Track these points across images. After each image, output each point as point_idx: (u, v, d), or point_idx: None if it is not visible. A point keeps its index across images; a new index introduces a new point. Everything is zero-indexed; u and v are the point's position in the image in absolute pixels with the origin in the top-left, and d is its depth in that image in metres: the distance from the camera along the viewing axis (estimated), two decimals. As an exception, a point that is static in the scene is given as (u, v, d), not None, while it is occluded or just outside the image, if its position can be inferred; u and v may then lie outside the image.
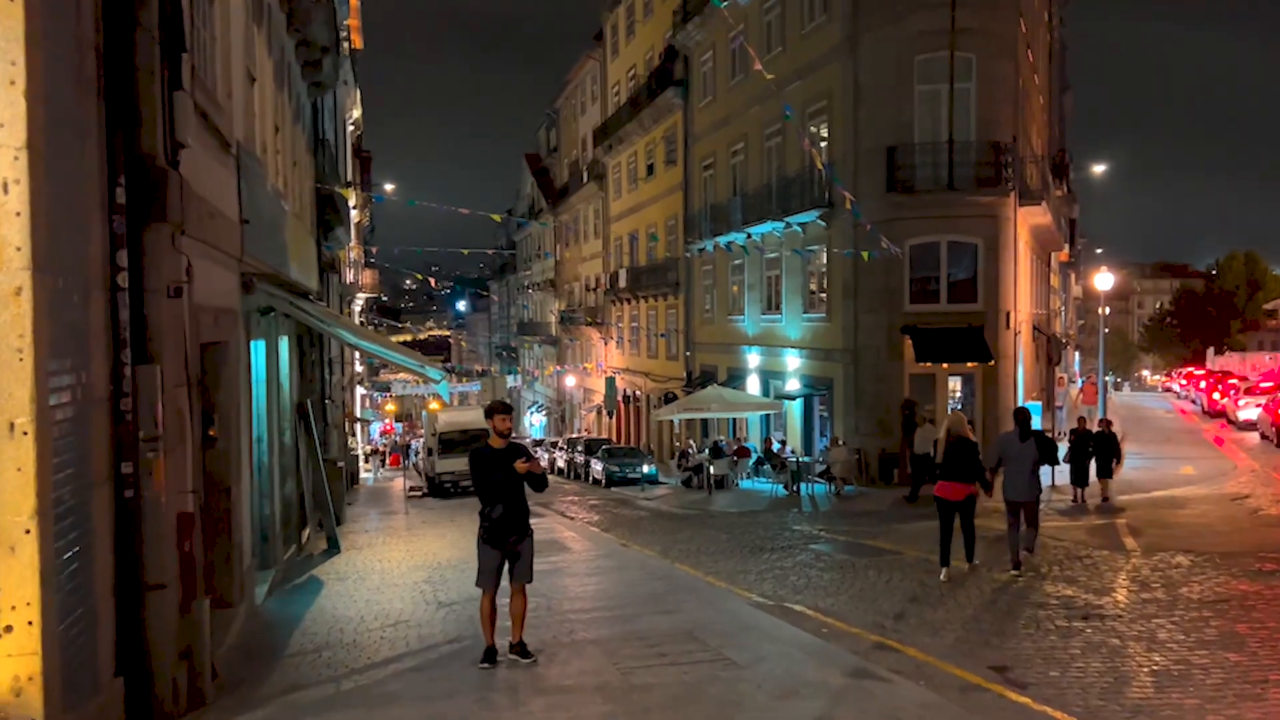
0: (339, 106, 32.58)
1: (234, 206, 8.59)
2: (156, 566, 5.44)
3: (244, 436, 8.95)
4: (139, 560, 5.36)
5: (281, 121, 13.50)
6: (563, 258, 55.18)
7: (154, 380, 5.37)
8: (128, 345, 5.22)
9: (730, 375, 29.34)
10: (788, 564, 11.79)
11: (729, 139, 30.04)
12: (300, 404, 14.49)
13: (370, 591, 10.41)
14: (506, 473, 6.72)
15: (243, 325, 9.06)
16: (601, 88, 46.52)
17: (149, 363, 5.38)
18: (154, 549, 5.42)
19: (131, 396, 5.26)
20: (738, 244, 28.71)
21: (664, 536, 15.45)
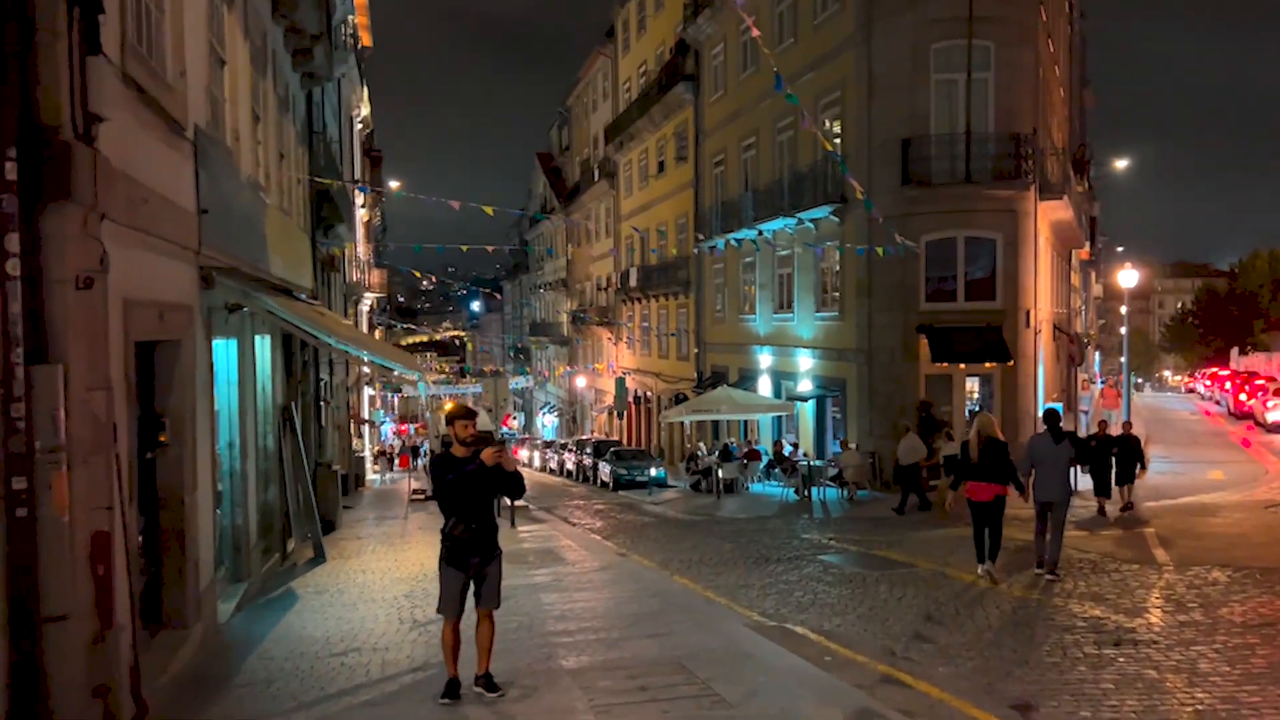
0: (343, 103, 32.08)
1: (189, 194, 7.95)
2: (57, 594, 4.80)
3: (202, 442, 8.31)
4: (34, 588, 4.71)
5: (263, 111, 12.89)
6: (574, 257, 54.57)
7: (54, 383, 4.72)
8: (19, 343, 4.58)
9: (741, 376, 28.59)
10: (793, 577, 11.06)
11: (740, 134, 29.30)
12: (285, 406, 13.87)
13: (344, 608, 9.76)
14: (470, 483, 6.04)
15: (202, 323, 8.42)
16: (613, 84, 45.88)
17: (48, 363, 4.73)
18: (54, 575, 4.78)
19: (25, 401, 4.61)
20: (749, 241, 28.00)
21: (666, 545, 14.74)
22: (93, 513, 5.08)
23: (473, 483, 6.03)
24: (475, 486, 6.05)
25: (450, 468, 6.02)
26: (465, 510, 6.06)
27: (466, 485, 6.00)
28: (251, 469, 11.06)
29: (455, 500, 6.07)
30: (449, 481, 6.01)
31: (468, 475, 5.96)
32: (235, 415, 10.46)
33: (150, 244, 6.54)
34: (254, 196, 11.40)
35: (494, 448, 6.03)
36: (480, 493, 6.12)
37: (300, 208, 17.95)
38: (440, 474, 6.07)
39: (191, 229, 7.94)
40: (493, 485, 6.17)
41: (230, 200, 9.55)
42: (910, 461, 18.07)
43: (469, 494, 6.05)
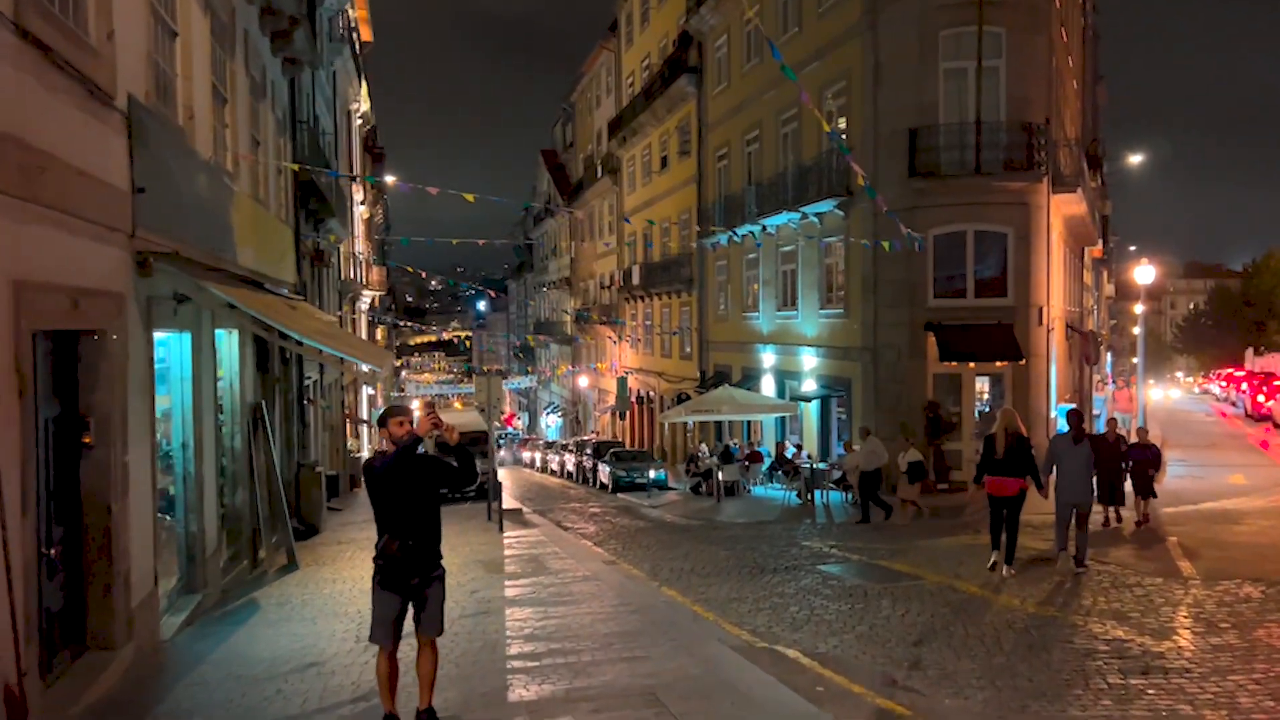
0: (339, 95, 31.41)
1: (120, 170, 7.23)
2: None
3: (137, 444, 7.59)
4: None
5: (230, 92, 12.18)
6: (578, 255, 53.86)
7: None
8: None
9: (745, 375, 27.82)
10: (790, 590, 10.28)
11: (743, 126, 28.53)
12: (255, 405, 13.16)
13: (303, 622, 9.02)
14: (395, 483, 5.26)
15: (139, 313, 7.69)
16: (616, 79, 45.15)
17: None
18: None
19: None
20: (752, 237, 27.24)
21: (659, 551, 13.99)
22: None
23: (398, 482, 5.24)
24: (404, 487, 5.27)
25: (384, 477, 5.28)
26: (398, 521, 5.30)
27: (391, 486, 5.23)
28: (209, 472, 10.34)
29: (385, 509, 5.33)
30: (368, 484, 5.27)
31: (388, 472, 5.17)
32: (189, 414, 9.74)
33: (58, 220, 5.82)
34: (215, 181, 10.68)
35: (426, 415, 5.24)
36: (413, 495, 5.33)
37: (282, 199, 17.25)
38: (375, 486, 5.33)
39: (122, 209, 7.22)
40: (428, 480, 5.38)
41: (179, 182, 8.84)
42: (872, 467, 17.11)
43: (399, 499, 5.28)
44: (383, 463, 5.22)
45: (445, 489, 5.54)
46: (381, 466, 5.21)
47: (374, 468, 5.29)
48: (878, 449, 17.37)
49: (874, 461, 17.05)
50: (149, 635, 7.77)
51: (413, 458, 5.34)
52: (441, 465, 5.50)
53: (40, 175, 5.34)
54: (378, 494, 5.34)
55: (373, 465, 5.32)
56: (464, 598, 9.89)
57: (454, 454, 5.47)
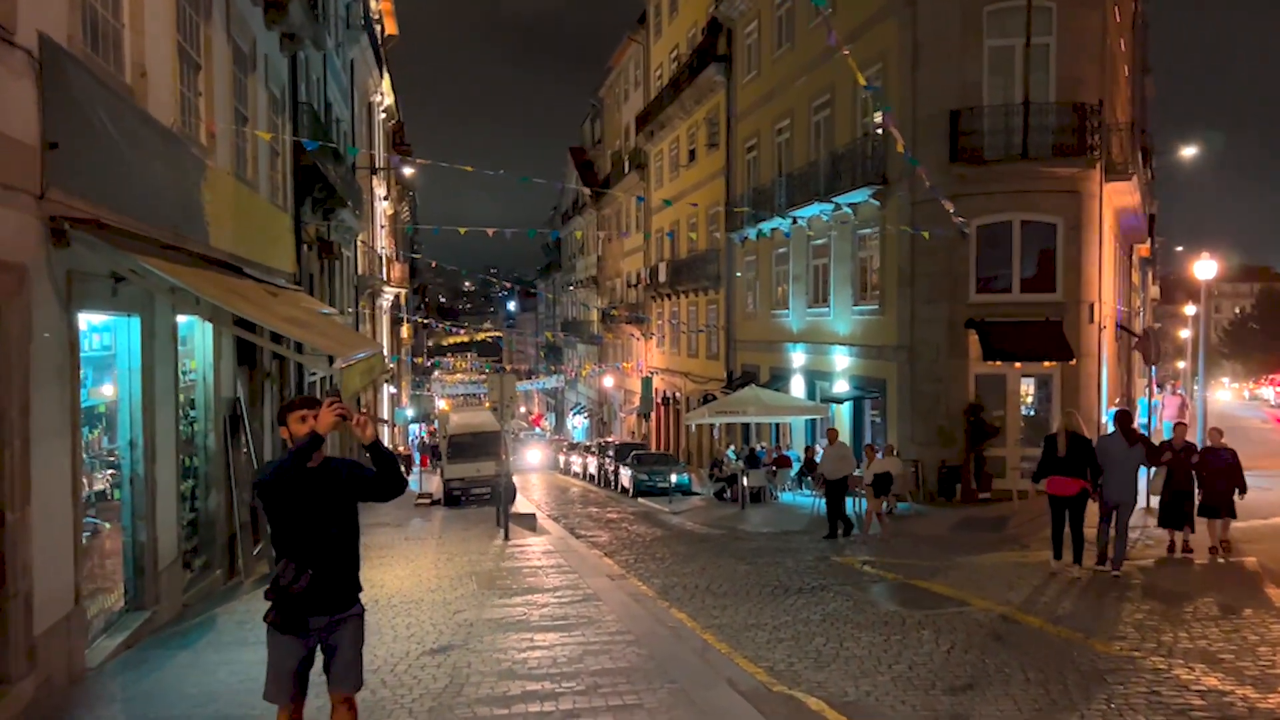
0: (357, 86, 30.50)
1: (22, 120, 6.14)
2: None
3: (50, 443, 6.50)
4: None
5: (205, 58, 11.14)
6: (605, 253, 52.78)
7: None
8: None
9: (773, 375, 26.50)
10: (815, 615, 9.01)
11: (774, 116, 27.23)
12: (232, 401, 12.11)
13: (251, 646, 7.89)
14: (290, 494, 4.13)
15: (51, 289, 6.60)
16: (644, 72, 44.01)
17: None
18: None
19: None
20: (782, 231, 25.94)
21: (673, 564, 12.76)
22: None
23: (296, 494, 4.08)
24: (304, 500, 4.12)
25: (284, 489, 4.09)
26: (298, 544, 4.13)
27: (287, 499, 4.06)
28: (165, 473, 9.27)
29: (281, 528, 4.16)
30: (260, 498, 4.13)
31: (280, 481, 4.01)
32: (138, 408, 8.67)
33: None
34: (177, 151, 9.62)
35: (328, 405, 4.09)
36: (317, 511, 4.17)
37: (278, 182, 16.24)
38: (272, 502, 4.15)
39: (23, 164, 6.13)
40: (337, 490, 4.24)
41: (119, 145, 7.75)
42: (838, 475, 15.65)
43: (298, 515, 4.12)
44: (274, 470, 4.05)
45: (364, 500, 4.36)
46: (273, 474, 4.04)
47: (264, 476, 4.12)
48: (844, 454, 16.00)
49: (840, 469, 15.65)
50: (64, 665, 6.68)
51: (315, 463, 4.17)
52: (356, 472, 4.33)
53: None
54: (272, 510, 4.18)
55: (262, 473, 4.15)
56: (443, 620, 8.74)
57: (372, 457, 4.30)
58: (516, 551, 13.85)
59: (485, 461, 24.55)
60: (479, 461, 24.54)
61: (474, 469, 24.43)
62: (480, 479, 24.39)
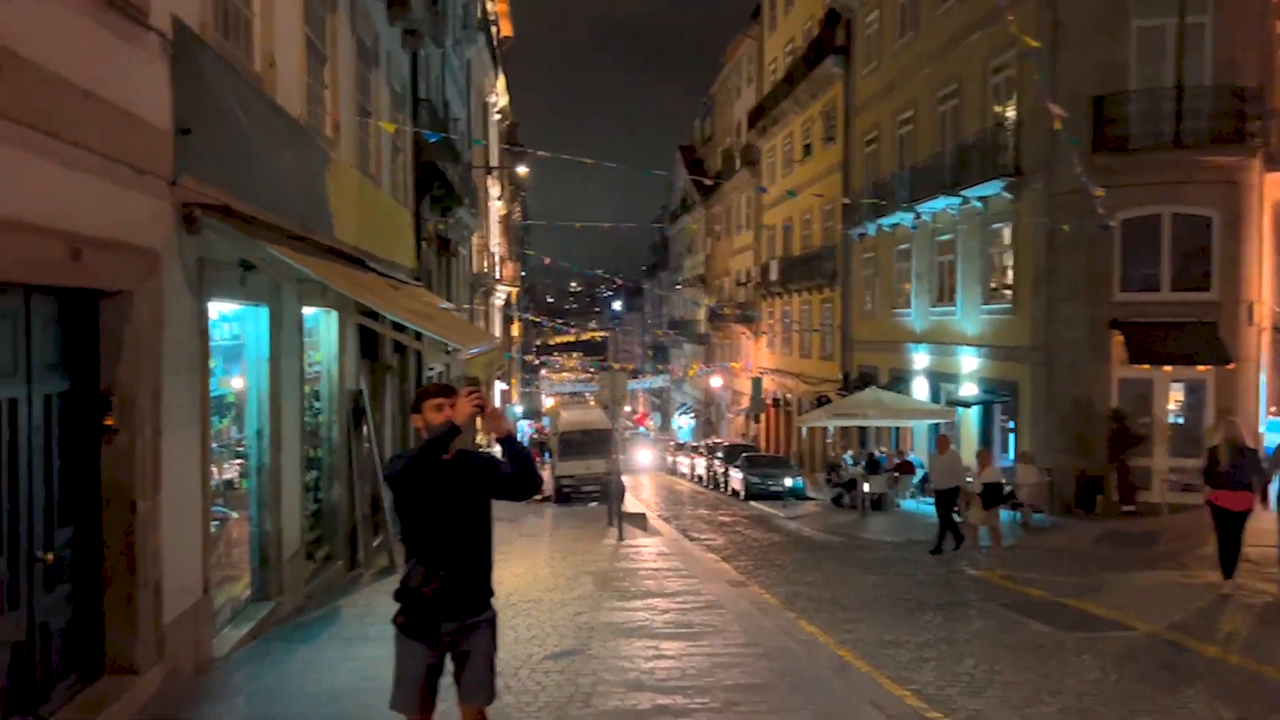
0: (473, 85, 30.83)
1: (156, 104, 6.08)
2: None
3: (180, 430, 6.44)
4: None
5: (331, 50, 11.17)
6: (713, 252, 52.26)
7: None
8: None
9: (893, 377, 25.51)
10: (960, 634, 8.35)
11: (895, 107, 26.24)
12: (355, 393, 12.14)
13: (373, 642, 7.73)
14: (425, 487, 3.81)
15: (183, 275, 6.55)
16: (758, 67, 43.32)
17: None
18: None
19: None
20: (904, 226, 24.96)
21: (795, 573, 12.21)
22: None
23: (428, 489, 3.79)
24: (436, 496, 3.82)
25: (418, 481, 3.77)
26: (429, 543, 3.83)
27: (418, 495, 3.76)
28: (290, 463, 9.25)
29: (412, 526, 3.86)
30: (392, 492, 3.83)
31: (412, 474, 3.71)
32: (266, 399, 8.65)
33: (39, 145, 4.62)
34: (305, 143, 9.61)
35: (466, 395, 3.76)
36: (450, 508, 3.86)
37: (400, 178, 16.36)
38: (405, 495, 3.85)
39: (157, 149, 6.06)
40: (471, 486, 3.93)
41: (249, 133, 7.71)
42: (946, 485, 14.66)
43: (430, 512, 3.82)
44: (405, 464, 3.74)
45: (498, 497, 4.03)
46: (406, 466, 3.73)
47: (394, 470, 3.82)
48: (954, 465, 15.00)
49: (948, 479, 14.67)
50: (190, 655, 6.62)
51: (452, 455, 3.85)
52: (491, 467, 4.00)
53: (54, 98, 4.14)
54: (403, 505, 3.88)
55: (393, 467, 3.85)
56: (563, 622, 8.43)
57: (506, 452, 3.96)
58: (630, 552, 13.52)
59: (595, 459, 24.40)
60: (589, 459, 24.42)
61: (584, 466, 24.32)
62: (590, 476, 24.26)
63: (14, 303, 4.87)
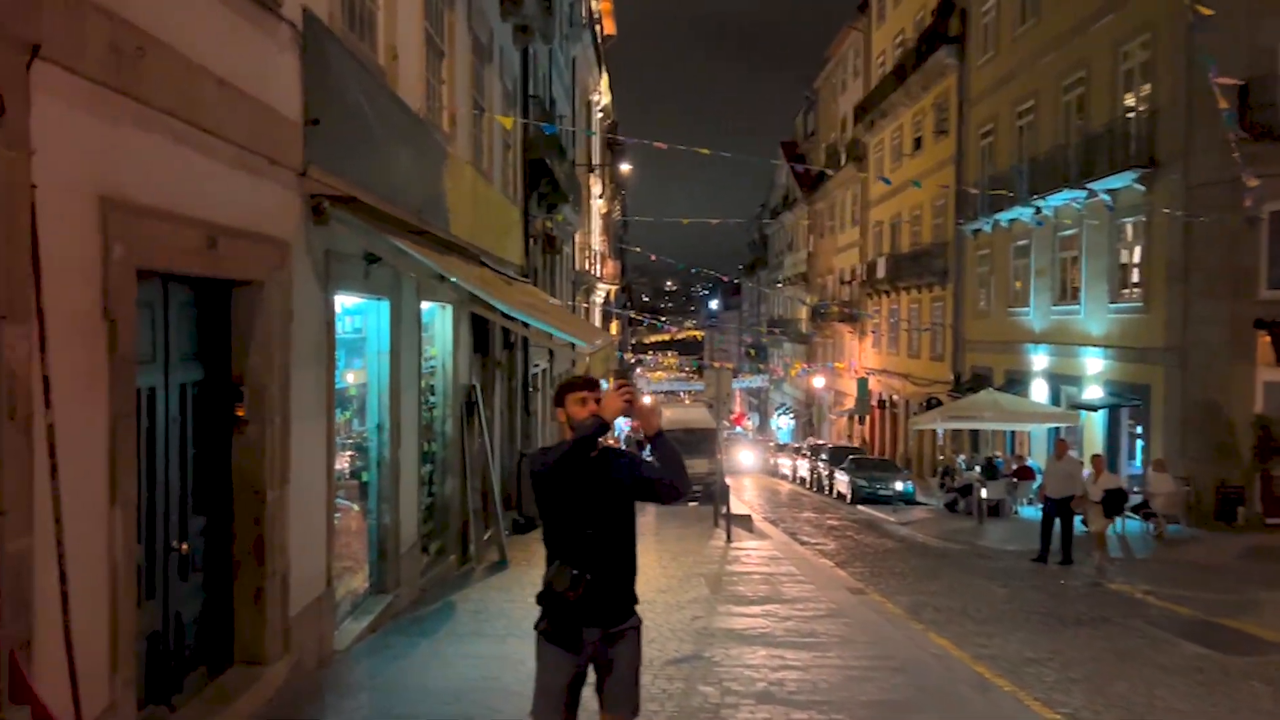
0: (577, 83, 30.91)
1: (286, 94, 6.06)
2: None
3: (308, 420, 6.42)
4: None
5: (449, 46, 11.18)
6: (816, 249, 51.35)
7: None
8: None
9: (1008, 379, 24.48)
10: (1107, 653, 7.78)
11: (1014, 98, 25.18)
12: (469, 388, 12.15)
13: (491, 639, 7.64)
14: (586, 499, 3.61)
15: (311, 267, 6.54)
16: (864, 60, 42.32)
17: None
18: None
19: None
20: (1023, 221, 23.90)
21: (915, 582, 11.70)
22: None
23: (574, 487, 3.58)
24: (583, 495, 3.60)
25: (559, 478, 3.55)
26: (574, 545, 3.63)
27: (563, 493, 3.57)
28: (409, 457, 9.25)
29: (555, 526, 3.66)
30: (534, 489, 3.62)
31: (559, 472, 3.51)
32: (386, 392, 8.65)
33: (181, 132, 4.60)
34: (424, 137, 9.61)
35: (615, 389, 3.54)
36: (597, 508, 3.64)
37: (509, 175, 16.39)
38: (546, 492, 3.65)
39: (287, 140, 6.04)
40: (618, 486, 3.71)
41: (372, 126, 7.69)
42: (1062, 494, 13.69)
43: (575, 512, 3.61)
44: (552, 458, 3.53)
45: (643, 499, 3.80)
46: (551, 464, 3.52)
47: (538, 466, 3.62)
48: (1072, 472, 14.05)
49: (1065, 487, 13.73)
50: (314, 647, 6.61)
51: (597, 453, 3.63)
52: (636, 466, 3.77)
53: (138, 60, 4.10)
54: (545, 504, 3.67)
55: (536, 462, 3.65)
56: (681, 626, 8.18)
57: (656, 451, 3.72)
58: (741, 555, 13.20)
59: (698, 459, 24.06)
60: (691, 459, 23.93)
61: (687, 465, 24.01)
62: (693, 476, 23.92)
63: (153, 292, 4.86)
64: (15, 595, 3.35)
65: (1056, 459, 14.50)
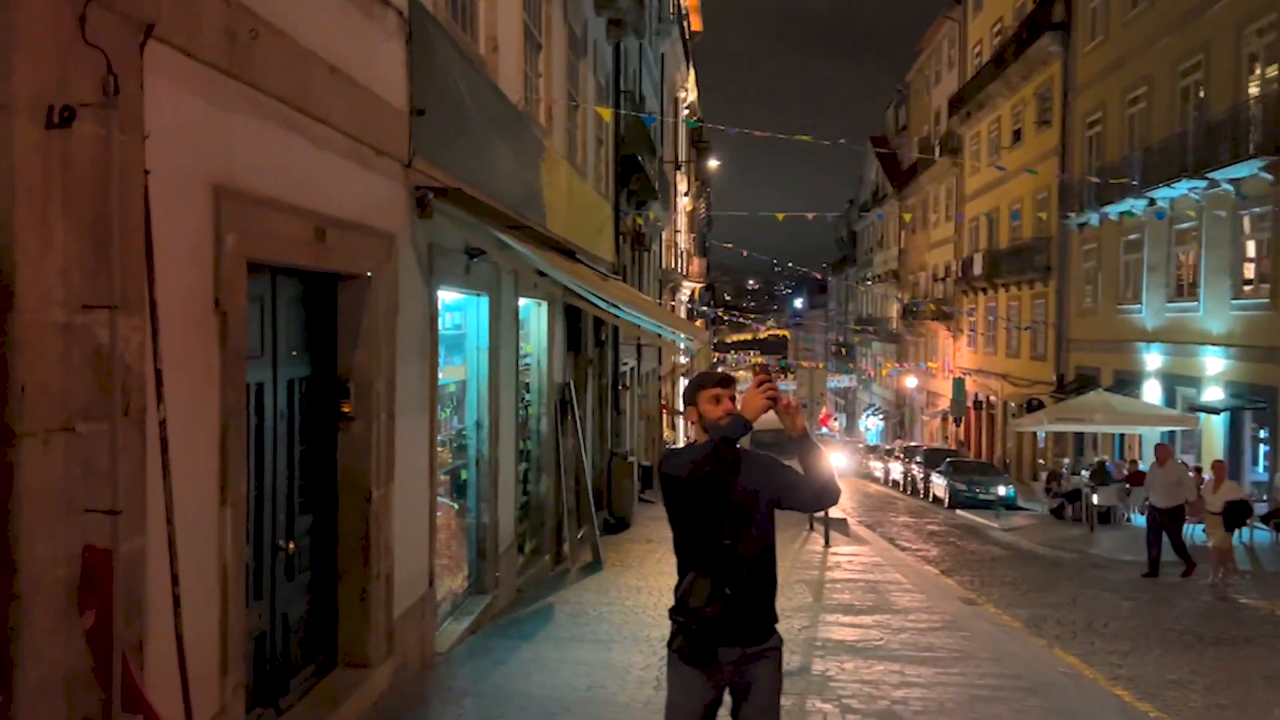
0: (666, 80, 30.67)
1: (392, 82, 5.92)
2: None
3: (412, 416, 6.29)
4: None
5: (546, 38, 11.02)
6: (907, 246, 50.08)
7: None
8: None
9: (1117, 379, 23.31)
10: (1254, 676, 7.16)
11: (1125, 85, 23.97)
12: (563, 386, 11.99)
13: (594, 645, 7.41)
14: (729, 505, 3.29)
15: (415, 260, 6.39)
16: (959, 51, 41.05)
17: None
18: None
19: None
20: (1135, 213, 22.73)
21: (1030, 593, 11.09)
22: (74, 519, 2.96)
23: (713, 495, 3.24)
24: (723, 503, 3.28)
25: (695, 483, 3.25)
26: (712, 557, 3.32)
27: (701, 501, 3.25)
28: (507, 455, 9.11)
29: (690, 536, 3.36)
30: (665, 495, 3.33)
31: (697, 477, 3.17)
32: (485, 389, 8.52)
33: (290, 119, 4.46)
34: (522, 129, 9.45)
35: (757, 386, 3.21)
36: (733, 513, 3.31)
37: (601, 171, 16.22)
38: (681, 498, 3.35)
39: (393, 129, 5.90)
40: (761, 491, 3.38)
41: (473, 115, 7.54)
42: (1170, 504, 12.70)
43: (713, 522, 3.29)
44: (688, 464, 3.24)
45: (786, 506, 3.49)
46: (686, 470, 3.21)
47: (673, 470, 3.32)
48: (1180, 479, 13.02)
49: (1172, 496, 12.72)
50: (417, 650, 6.47)
51: (737, 457, 3.32)
52: (776, 470, 3.46)
53: (251, 44, 3.95)
54: (678, 510, 3.38)
55: (671, 465, 3.38)
56: (789, 635, 7.78)
57: (802, 455, 3.39)
58: (841, 560, 12.74)
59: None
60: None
61: None
62: None
63: (262, 286, 4.74)
64: (128, 597, 3.21)
65: (1159, 465, 13.53)
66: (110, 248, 3.07)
